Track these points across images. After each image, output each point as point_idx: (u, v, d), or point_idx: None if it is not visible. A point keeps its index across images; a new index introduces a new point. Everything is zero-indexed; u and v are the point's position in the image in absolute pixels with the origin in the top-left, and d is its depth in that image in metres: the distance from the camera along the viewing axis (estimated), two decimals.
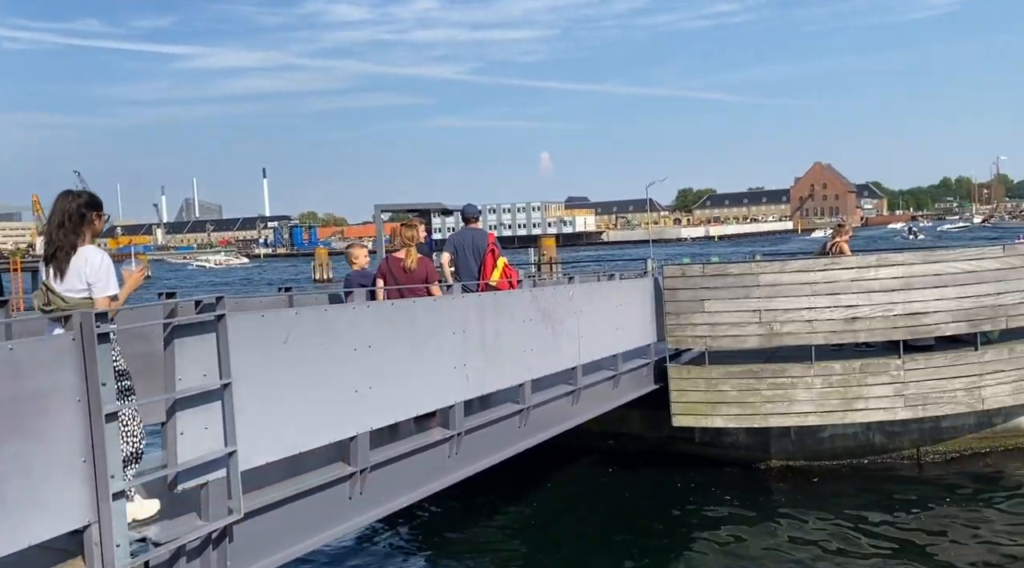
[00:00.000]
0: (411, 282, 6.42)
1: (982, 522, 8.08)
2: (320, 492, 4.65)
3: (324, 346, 4.60)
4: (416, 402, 5.38)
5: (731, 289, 9.44)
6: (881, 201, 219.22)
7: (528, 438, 6.89)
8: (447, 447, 5.77)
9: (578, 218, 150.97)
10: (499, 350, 6.36)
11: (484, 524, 8.82)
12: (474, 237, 7.92)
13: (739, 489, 9.29)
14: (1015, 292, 9.52)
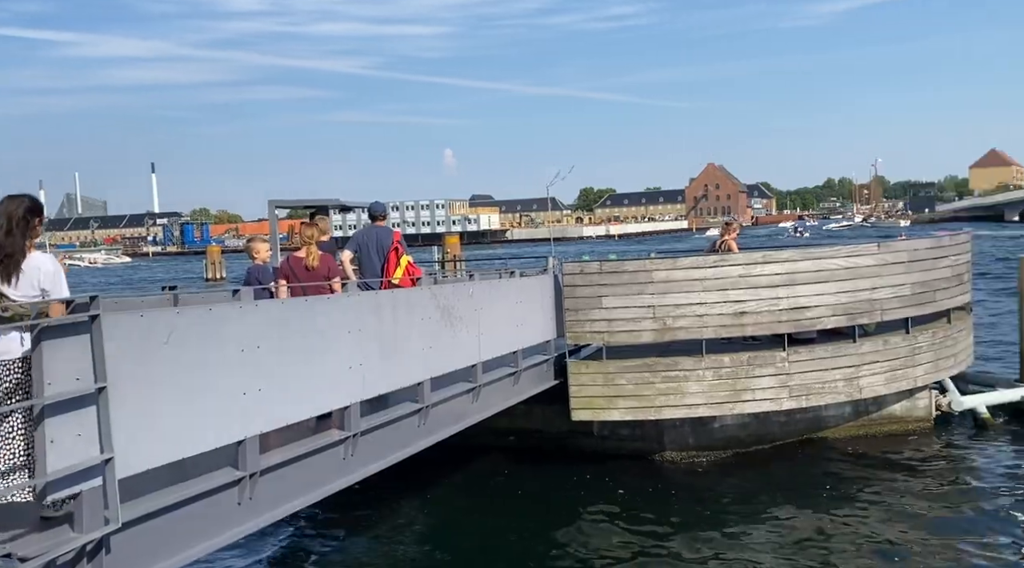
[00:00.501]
0: (313, 280, 6.34)
1: (862, 504, 8.58)
2: (206, 498, 4.46)
3: (209, 347, 4.41)
4: (309, 404, 5.25)
5: (627, 286, 9.66)
6: (770, 201, 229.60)
7: (427, 437, 6.85)
8: (342, 449, 5.65)
9: (483, 216, 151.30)
10: (397, 349, 6.29)
11: (382, 524, 8.71)
12: (379, 235, 7.88)
13: (635, 481, 9.53)
14: (889, 287, 10.13)
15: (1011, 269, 27.99)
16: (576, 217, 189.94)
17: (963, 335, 11.49)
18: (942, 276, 10.86)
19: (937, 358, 10.67)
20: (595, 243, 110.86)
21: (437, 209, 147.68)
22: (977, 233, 52.09)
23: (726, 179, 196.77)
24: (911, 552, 7.36)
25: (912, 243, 10.68)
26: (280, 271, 6.80)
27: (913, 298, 10.34)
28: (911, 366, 10.33)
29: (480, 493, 9.62)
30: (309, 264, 6.51)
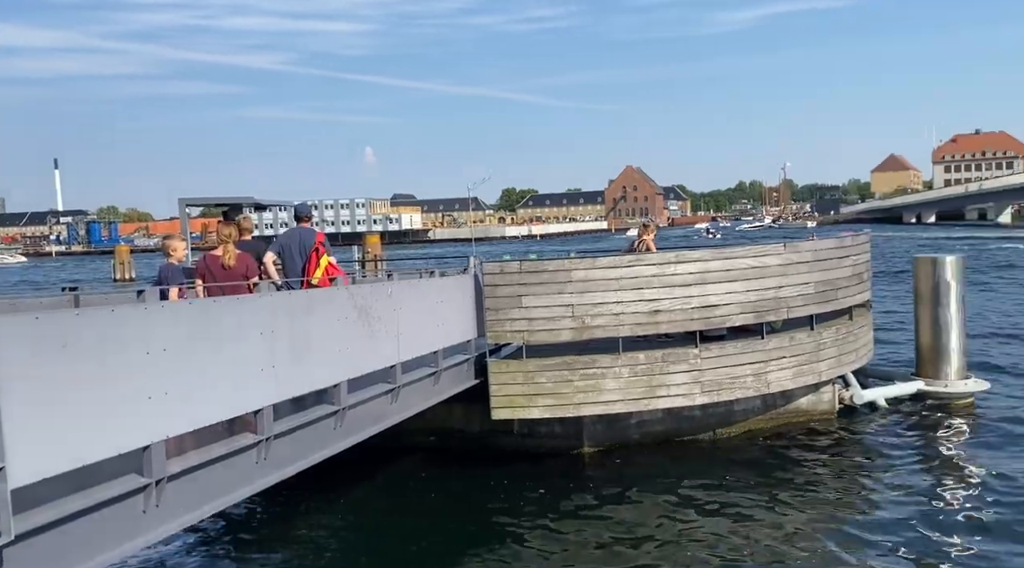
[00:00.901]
0: (230, 279, 6.29)
1: (773, 495, 8.89)
2: (108, 507, 4.29)
3: (111, 349, 4.24)
4: (219, 407, 5.11)
5: (546, 285, 9.77)
6: (685, 202, 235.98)
7: (344, 439, 6.75)
8: (255, 452, 5.52)
9: (404, 215, 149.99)
10: (312, 350, 6.18)
11: (299, 528, 8.55)
12: (302, 236, 7.95)
13: (555, 477, 9.64)
14: (794, 286, 10.56)
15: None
16: (499, 217, 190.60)
17: (864, 331, 12.07)
18: (844, 275, 11.39)
19: (840, 353, 11.18)
20: (517, 243, 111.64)
21: (358, 208, 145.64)
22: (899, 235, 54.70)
23: (644, 181, 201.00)
24: (815, 539, 7.70)
25: (815, 243, 11.14)
26: (197, 270, 6.72)
27: (817, 296, 10.80)
28: (816, 361, 10.79)
29: (400, 494, 9.55)
30: (226, 263, 6.49)
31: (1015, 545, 7.31)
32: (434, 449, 10.52)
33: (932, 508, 8.34)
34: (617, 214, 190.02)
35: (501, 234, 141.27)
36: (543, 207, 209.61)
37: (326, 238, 8.12)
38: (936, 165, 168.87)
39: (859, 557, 7.28)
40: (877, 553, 7.36)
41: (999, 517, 7.97)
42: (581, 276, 9.76)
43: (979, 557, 7.13)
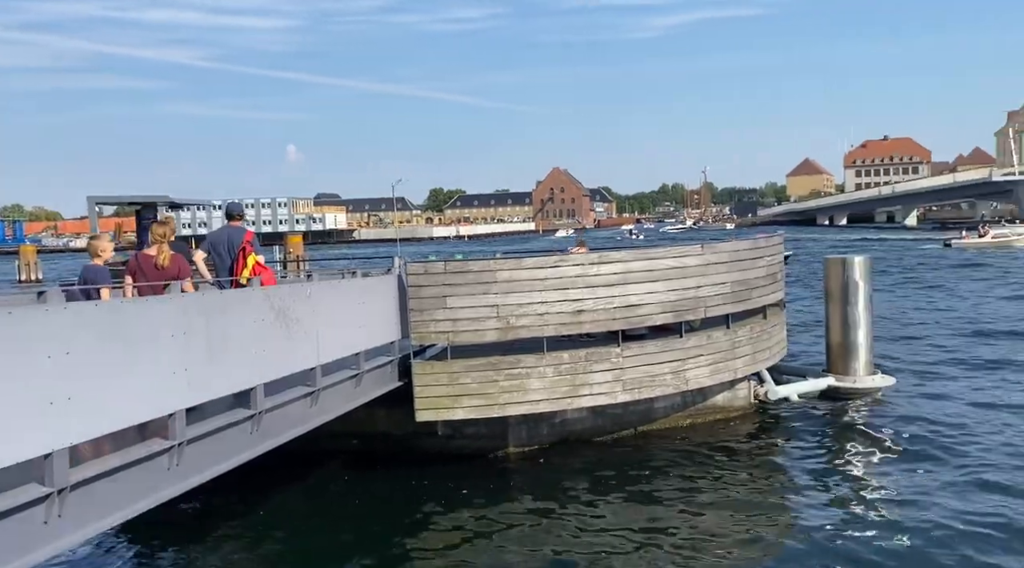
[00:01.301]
0: (163, 279, 6.28)
1: (691, 491, 9.12)
2: (6, 518, 4.07)
3: (7, 353, 4.03)
4: (128, 412, 4.91)
5: (471, 285, 9.76)
6: (611, 204, 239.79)
7: (261, 444, 6.59)
8: (166, 458, 5.33)
9: (328, 215, 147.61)
10: (227, 352, 6.01)
11: (214, 535, 8.31)
12: (230, 235, 8.02)
13: (479, 478, 9.65)
14: (712, 285, 10.85)
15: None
16: (426, 218, 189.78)
17: (777, 329, 12.51)
18: (759, 275, 11.78)
19: (755, 351, 11.55)
20: (445, 244, 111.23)
21: (280, 208, 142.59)
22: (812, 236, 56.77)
23: (570, 183, 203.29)
24: (731, 534, 7.95)
25: (731, 244, 11.48)
26: (127, 269, 6.68)
27: (733, 295, 11.14)
28: (732, 359, 11.12)
29: (321, 499, 9.39)
30: (160, 263, 6.50)
31: (919, 534, 7.68)
32: (357, 452, 10.38)
33: (841, 500, 8.71)
34: (545, 215, 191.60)
35: (429, 235, 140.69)
36: (471, 208, 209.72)
37: (255, 237, 8.15)
38: (847, 169, 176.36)
39: (773, 550, 7.55)
40: (791, 546, 7.64)
41: (901, 507, 8.38)
42: (506, 277, 9.79)
43: (886, 548, 7.47)
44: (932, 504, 8.33)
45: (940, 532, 7.63)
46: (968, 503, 8.31)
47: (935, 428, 11.03)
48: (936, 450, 10.10)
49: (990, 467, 9.39)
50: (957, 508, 8.18)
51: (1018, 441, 10.33)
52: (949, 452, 9.98)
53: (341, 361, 8.28)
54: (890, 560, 7.10)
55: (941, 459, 9.74)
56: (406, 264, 10.07)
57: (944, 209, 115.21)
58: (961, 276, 35.79)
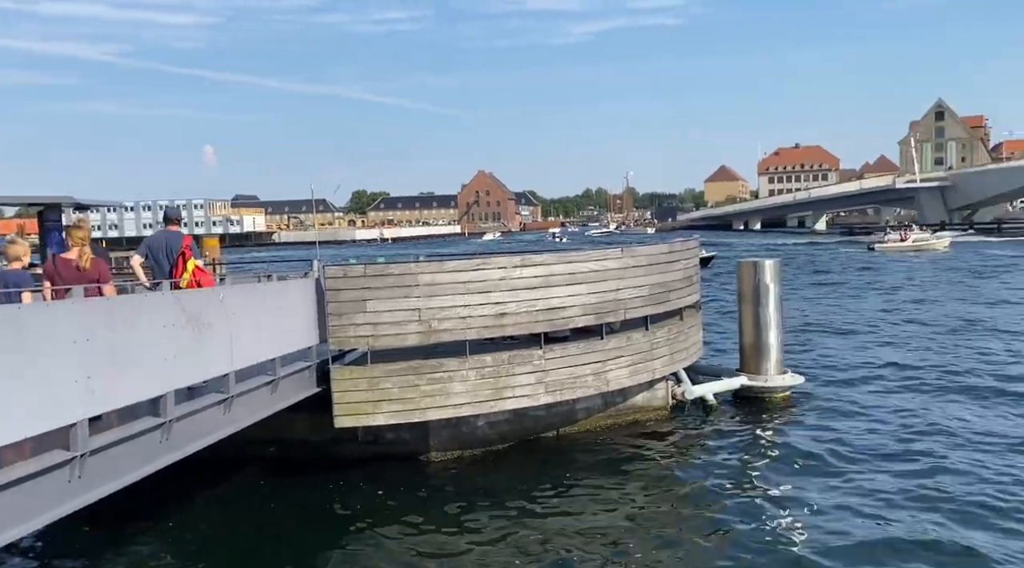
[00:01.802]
0: (82, 283, 6.17)
1: (613, 489, 9.27)
2: None
3: None
4: (24, 423, 4.66)
5: (392, 289, 9.66)
6: (536, 208, 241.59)
7: (171, 453, 6.35)
8: (67, 470, 5.08)
9: (246, 217, 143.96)
10: (134, 359, 5.77)
11: (123, 549, 7.96)
12: (168, 239, 8.16)
13: (401, 483, 9.56)
14: (631, 288, 11.05)
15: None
16: (349, 220, 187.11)
17: (693, 331, 12.83)
18: (676, 278, 12.06)
19: (672, 352, 11.82)
20: (368, 246, 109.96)
21: (195, 209, 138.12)
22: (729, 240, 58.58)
23: (496, 186, 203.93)
24: (650, 532, 8.10)
25: (649, 248, 11.71)
26: (44, 272, 6.55)
27: (652, 298, 11.37)
28: (651, 359, 11.35)
29: (238, 509, 9.12)
30: (81, 265, 6.42)
31: (828, 528, 8.00)
32: (276, 459, 10.14)
33: (754, 493, 9.01)
34: (470, 218, 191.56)
35: (351, 237, 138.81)
36: (395, 210, 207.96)
37: (194, 241, 8.31)
38: (761, 176, 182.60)
39: (691, 548, 7.73)
40: (707, 543, 7.84)
41: (813, 500, 8.71)
42: (428, 280, 9.73)
43: (797, 541, 7.75)
44: (837, 505, 8.69)
45: (844, 532, 7.96)
46: (869, 503, 8.70)
47: (841, 426, 11.52)
48: (842, 448, 10.54)
49: (893, 466, 9.87)
50: (862, 508, 8.57)
51: (918, 441, 10.86)
52: (855, 451, 10.44)
53: (257, 367, 8.08)
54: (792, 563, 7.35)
55: (847, 458, 10.17)
56: (325, 267, 9.90)
57: (851, 215, 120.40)
58: (879, 277, 37.54)
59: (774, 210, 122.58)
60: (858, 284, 34.79)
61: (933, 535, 7.61)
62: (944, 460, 9.75)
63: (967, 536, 7.56)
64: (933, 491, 8.77)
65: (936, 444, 10.43)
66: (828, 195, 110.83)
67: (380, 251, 74.06)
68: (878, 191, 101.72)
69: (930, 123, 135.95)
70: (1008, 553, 7.16)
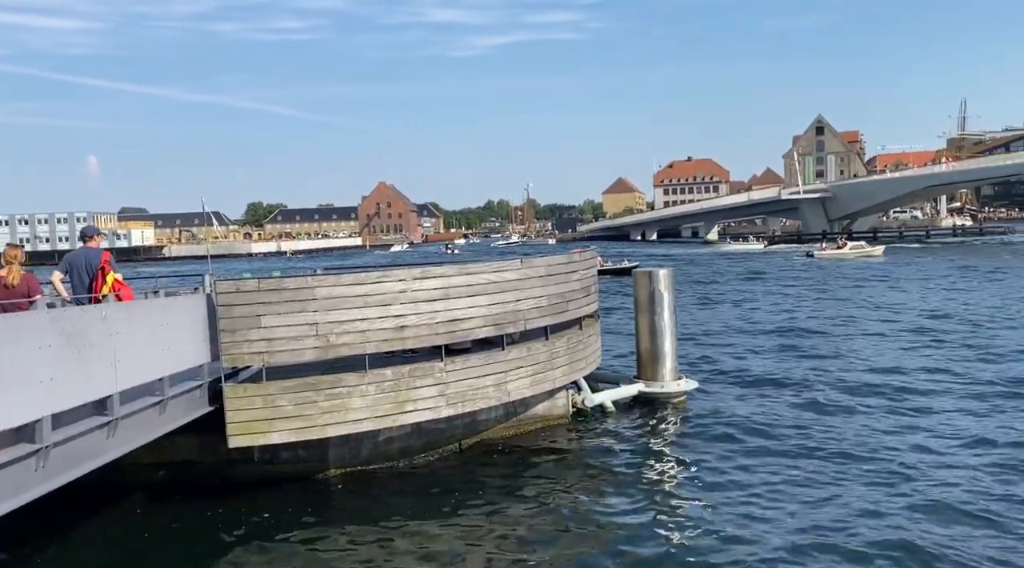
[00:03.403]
0: (12, 298, 6.69)
1: (516, 500, 9.31)
2: None
3: None
4: None
5: (288, 303, 9.43)
6: (438, 220, 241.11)
7: (47, 481, 5.98)
8: None
9: (134, 231, 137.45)
10: (4, 384, 5.42)
11: None
12: (88, 256, 8.56)
13: (299, 503, 9.31)
14: (531, 299, 11.19)
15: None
16: (244, 233, 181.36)
17: (592, 339, 13.10)
18: (574, 288, 12.29)
19: (571, 361, 12.03)
20: (264, 260, 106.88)
21: (78, 222, 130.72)
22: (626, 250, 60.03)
23: (397, 198, 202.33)
24: (553, 541, 8.20)
25: (547, 259, 11.90)
26: None
27: (551, 308, 11.55)
28: (551, 369, 11.51)
29: (122, 539, 8.64)
30: (9, 282, 6.87)
31: (721, 526, 8.31)
32: (165, 484, 9.69)
33: (650, 495, 9.26)
34: (372, 230, 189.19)
35: (247, 251, 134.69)
36: (293, 222, 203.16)
37: (112, 256, 8.74)
38: (656, 188, 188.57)
39: (592, 551, 7.87)
40: (608, 547, 8.00)
41: (705, 499, 9.04)
42: (325, 293, 9.56)
43: (690, 538, 8.02)
44: (728, 502, 9.05)
45: (738, 528, 8.29)
46: (761, 501, 9.10)
47: (732, 428, 12.00)
48: (733, 448, 10.99)
49: (784, 465, 10.35)
50: (754, 505, 8.96)
51: (806, 441, 11.44)
52: (746, 451, 10.89)
53: (144, 387, 7.72)
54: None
55: (738, 457, 10.60)
56: (217, 282, 9.57)
57: (741, 225, 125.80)
58: (789, 283, 39.27)
59: (670, 220, 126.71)
60: (778, 290, 36.23)
61: (819, 528, 8.02)
62: (828, 456, 10.29)
63: (849, 525, 8.00)
64: (820, 485, 9.25)
65: (823, 442, 10.99)
66: (720, 206, 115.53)
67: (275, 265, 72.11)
68: (765, 202, 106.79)
69: (811, 138, 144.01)
70: (880, 537, 7.62)
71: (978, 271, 41.97)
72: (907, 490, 8.97)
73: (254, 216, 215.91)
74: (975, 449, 10.40)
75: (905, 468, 9.72)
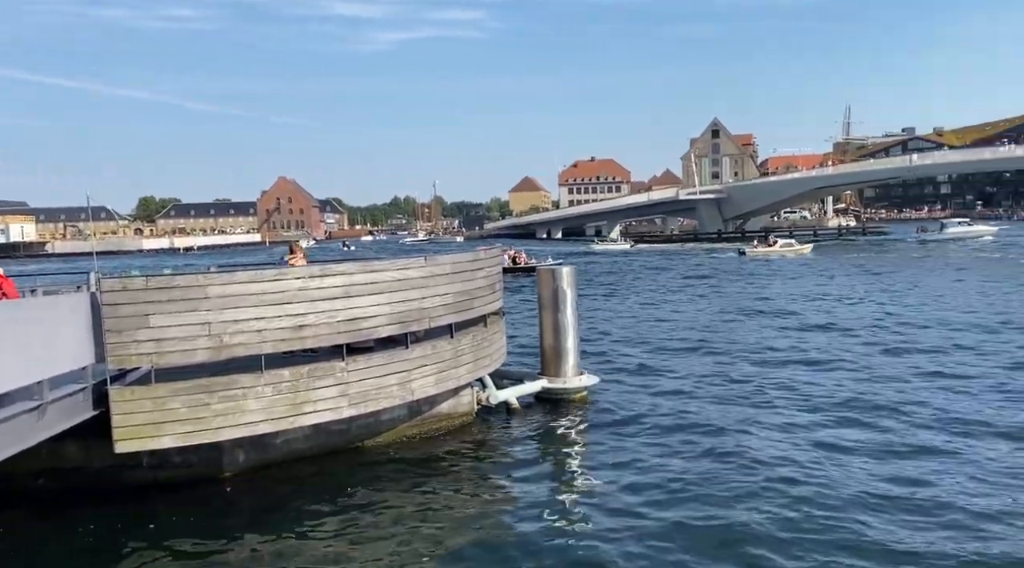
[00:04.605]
0: None
1: (419, 497, 9.25)
2: None
3: None
4: None
5: (179, 302, 9.04)
6: (343, 216, 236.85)
7: None
8: None
9: (13, 226, 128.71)
10: None
11: None
12: None
13: (192, 508, 8.97)
14: (435, 297, 11.12)
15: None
16: (135, 229, 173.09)
17: (497, 336, 13.15)
18: (479, 285, 12.29)
19: (476, 358, 12.03)
20: (157, 257, 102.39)
21: None
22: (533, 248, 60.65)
23: (299, 193, 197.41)
24: (458, 539, 8.19)
25: (452, 256, 11.86)
26: None
27: (456, 305, 11.51)
28: (456, 367, 11.48)
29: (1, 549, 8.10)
30: None
31: (619, 517, 8.49)
32: (44, 493, 9.14)
33: (552, 488, 9.39)
34: (272, 226, 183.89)
35: (138, 247, 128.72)
36: (188, 218, 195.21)
37: None
38: (561, 187, 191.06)
39: (493, 546, 7.90)
40: (509, 540, 8.05)
41: (605, 491, 9.22)
42: (218, 292, 9.21)
43: (588, 531, 8.16)
44: (627, 490, 9.27)
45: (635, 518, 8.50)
46: (659, 492, 9.36)
47: (631, 421, 12.30)
48: (632, 441, 11.26)
49: (679, 456, 10.68)
50: (652, 496, 9.20)
51: (703, 434, 11.82)
52: (644, 446, 11.18)
53: (21, 391, 7.24)
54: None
55: (635, 453, 10.85)
56: (102, 280, 9.07)
57: (642, 224, 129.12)
58: (720, 281, 40.39)
59: (575, 219, 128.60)
60: (687, 288, 37.26)
61: (719, 519, 8.30)
62: (723, 448, 10.66)
63: (751, 516, 8.32)
64: (718, 475, 9.58)
65: (720, 436, 11.36)
66: (621, 205, 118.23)
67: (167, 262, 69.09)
68: (664, 202, 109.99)
69: (707, 140, 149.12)
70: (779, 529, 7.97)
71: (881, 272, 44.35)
72: (799, 476, 9.41)
73: (145, 211, 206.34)
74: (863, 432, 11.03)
75: (793, 462, 10.19)
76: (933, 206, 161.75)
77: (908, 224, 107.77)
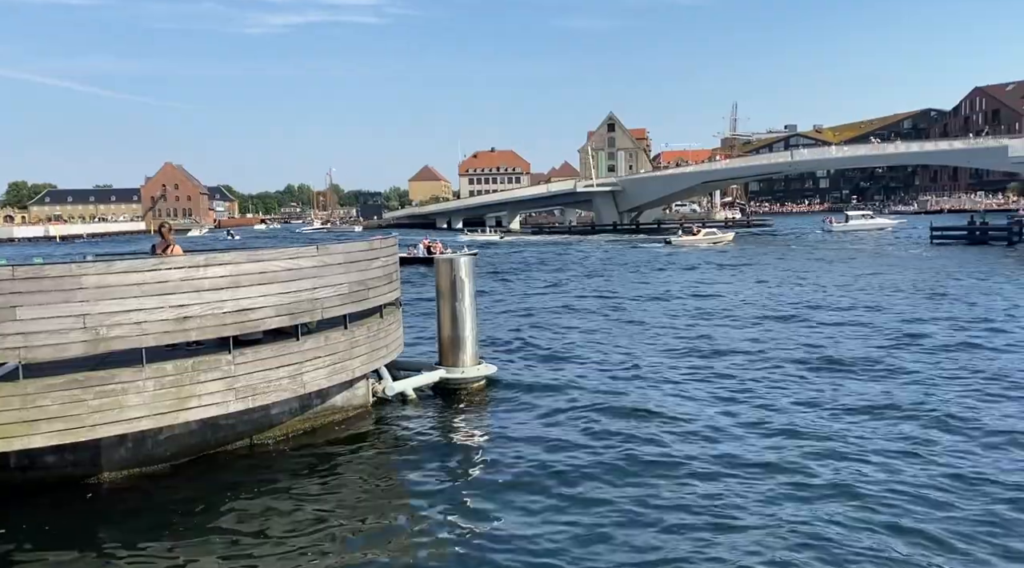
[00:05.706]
0: None
1: (311, 491, 9.05)
2: None
3: None
4: None
5: (50, 293, 8.48)
6: (233, 204, 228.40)
7: None
8: None
9: None
10: None
11: None
12: None
13: (67, 511, 8.48)
14: (328, 287, 10.87)
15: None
16: (5, 216, 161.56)
17: (394, 327, 13.00)
18: (375, 275, 12.11)
19: (372, 350, 11.86)
20: (29, 246, 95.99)
21: None
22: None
23: (186, 180, 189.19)
24: (346, 526, 8.06)
25: (347, 245, 11.63)
26: None
27: (351, 296, 11.30)
28: (350, 359, 11.28)
29: None
30: None
31: (514, 510, 8.57)
32: None
33: (447, 481, 9.37)
34: (157, 214, 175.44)
35: (8, 236, 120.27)
36: (64, 204, 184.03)
37: None
38: (462, 177, 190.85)
39: (387, 542, 7.83)
40: (404, 536, 8.00)
41: (501, 483, 9.28)
42: (94, 282, 8.69)
43: (482, 527, 8.21)
44: (522, 482, 9.37)
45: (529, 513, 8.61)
46: (556, 482, 9.50)
47: (528, 409, 12.44)
48: (528, 431, 11.39)
49: (576, 444, 10.88)
50: (550, 488, 9.33)
51: (599, 421, 12.07)
52: (540, 432, 11.32)
53: None
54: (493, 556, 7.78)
55: (534, 439, 10.99)
56: None
57: (541, 215, 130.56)
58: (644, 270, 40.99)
59: (475, 209, 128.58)
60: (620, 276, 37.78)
61: (614, 503, 8.50)
62: (633, 439, 10.83)
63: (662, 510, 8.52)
64: (613, 459, 9.81)
65: (622, 423, 11.59)
66: (521, 197, 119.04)
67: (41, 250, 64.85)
68: (563, 194, 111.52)
69: (604, 134, 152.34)
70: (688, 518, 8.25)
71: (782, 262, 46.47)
72: (695, 453, 9.76)
73: (16, 197, 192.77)
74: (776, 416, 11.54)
75: (703, 441, 10.56)
76: (813, 200, 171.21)
77: (789, 217, 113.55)
